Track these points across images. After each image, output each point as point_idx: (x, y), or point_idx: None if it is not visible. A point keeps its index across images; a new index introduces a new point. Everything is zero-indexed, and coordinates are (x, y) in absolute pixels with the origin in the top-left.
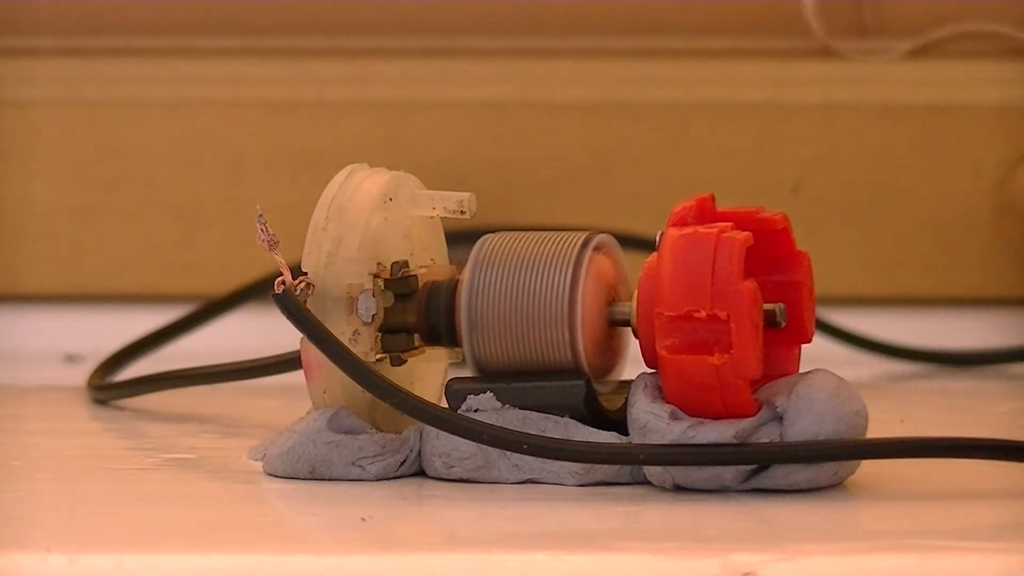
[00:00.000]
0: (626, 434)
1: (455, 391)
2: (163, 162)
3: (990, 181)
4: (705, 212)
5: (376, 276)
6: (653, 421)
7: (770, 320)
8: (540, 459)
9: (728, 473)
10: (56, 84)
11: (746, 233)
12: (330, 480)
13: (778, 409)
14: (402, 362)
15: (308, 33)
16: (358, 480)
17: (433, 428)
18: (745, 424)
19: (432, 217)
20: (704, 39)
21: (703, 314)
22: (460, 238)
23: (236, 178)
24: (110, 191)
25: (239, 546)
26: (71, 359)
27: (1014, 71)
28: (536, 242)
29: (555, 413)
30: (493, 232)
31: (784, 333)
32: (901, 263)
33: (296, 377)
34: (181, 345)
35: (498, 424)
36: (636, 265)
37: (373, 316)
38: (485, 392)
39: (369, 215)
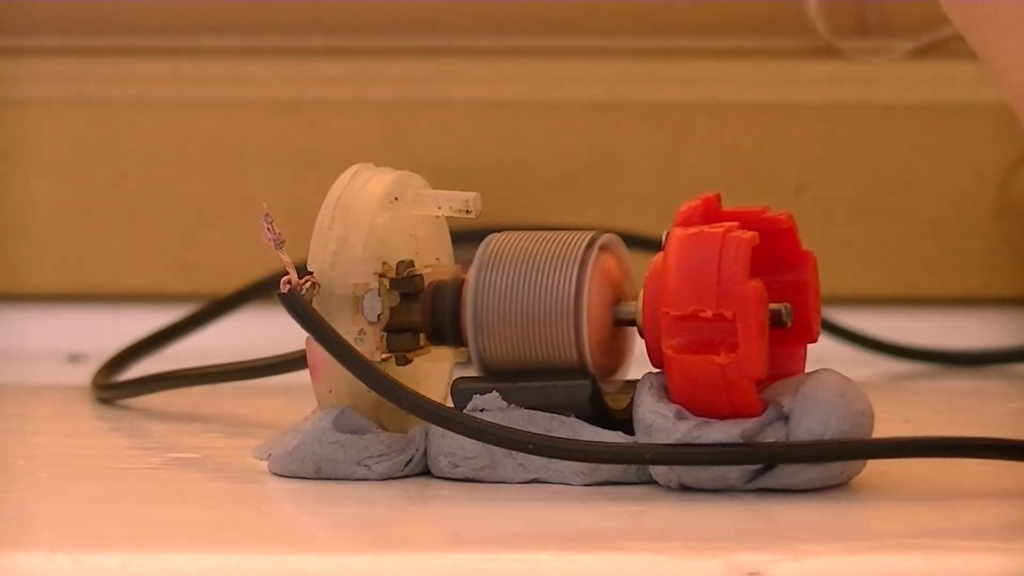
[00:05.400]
0: (632, 434)
1: (461, 390)
2: (166, 161)
3: (993, 181)
4: (711, 212)
5: (382, 275)
6: (659, 421)
7: (776, 320)
8: (545, 459)
9: (734, 473)
10: (58, 83)
11: (752, 232)
12: (335, 480)
13: (784, 409)
14: (408, 361)
15: (311, 33)
16: (364, 480)
17: (439, 428)
18: (751, 424)
19: (437, 216)
20: (708, 39)
21: (709, 313)
22: (465, 237)
23: (239, 177)
24: (113, 190)
25: (244, 546)
26: (75, 358)
27: None
28: (541, 241)
29: (561, 413)
30: (498, 231)
31: (790, 333)
32: (905, 263)
33: (301, 377)
34: (185, 345)
35: (504, 424)
36: (641, 265)
37: (379, 315)
38: (491, 392)
39: (374, 215)
